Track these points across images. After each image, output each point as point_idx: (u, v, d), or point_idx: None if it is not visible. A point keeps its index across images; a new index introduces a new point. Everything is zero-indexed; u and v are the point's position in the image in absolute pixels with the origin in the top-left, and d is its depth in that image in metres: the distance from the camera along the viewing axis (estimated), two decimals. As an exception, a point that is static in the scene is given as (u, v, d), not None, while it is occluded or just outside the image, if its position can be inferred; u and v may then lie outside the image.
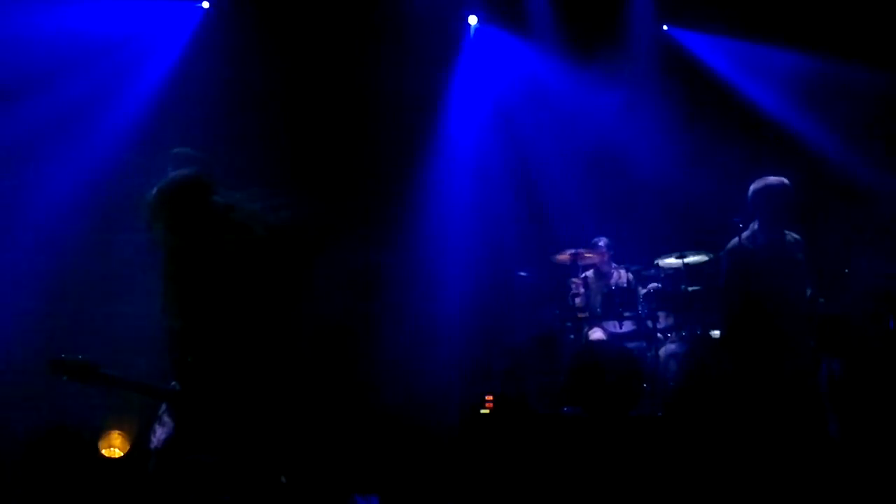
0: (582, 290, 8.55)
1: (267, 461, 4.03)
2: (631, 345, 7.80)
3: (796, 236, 6.48)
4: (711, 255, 7.87)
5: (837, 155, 8.62)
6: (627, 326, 8.14)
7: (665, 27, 9.39)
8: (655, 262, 8.29)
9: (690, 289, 7.91)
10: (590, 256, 8.51)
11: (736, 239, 6.39)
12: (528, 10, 9.24)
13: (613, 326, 8.19)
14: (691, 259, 8.05)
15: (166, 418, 4.09)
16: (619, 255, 8.72)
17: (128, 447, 5.99)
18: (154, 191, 4.06)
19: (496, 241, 9.15)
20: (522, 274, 8.71)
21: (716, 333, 7.62)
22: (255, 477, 3.93)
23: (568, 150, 9.16)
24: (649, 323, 8.02)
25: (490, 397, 7.73)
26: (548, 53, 9.29)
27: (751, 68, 9.01)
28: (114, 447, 5.87)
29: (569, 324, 8.28)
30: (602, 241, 8.63)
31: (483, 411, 7.63)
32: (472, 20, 9.37)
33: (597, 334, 8.21)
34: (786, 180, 6.29)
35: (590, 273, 8.65)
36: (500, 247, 9.14)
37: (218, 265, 4.10)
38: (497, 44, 9.44)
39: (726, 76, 9.20)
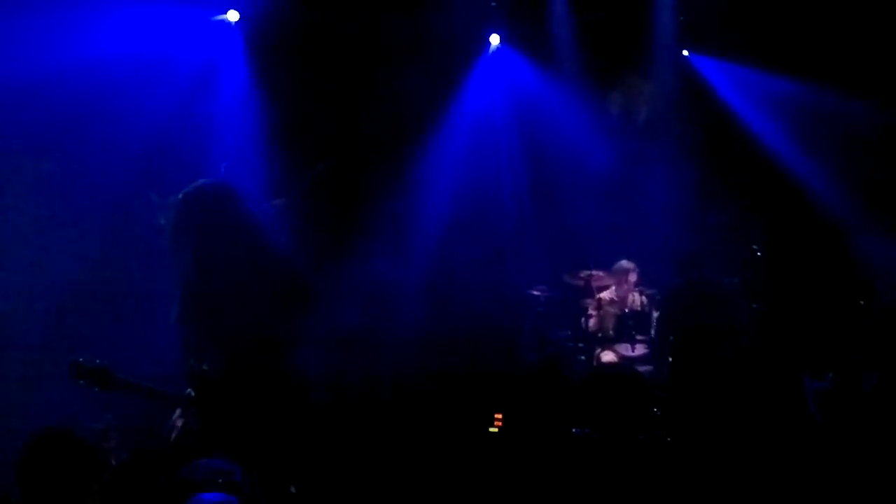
0: (596, 311, 8.52)
1: (278, 470, 4.04)
2: (642, 368, 7.77)
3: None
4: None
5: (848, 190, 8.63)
6: (640, 350, 8.13)
7: (685, 52, 9.39)
8: (669, 286, 8.29)
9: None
10: (603, 278, 8.50)
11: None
12: (550, 33, 9.25)
13: (625, 349, 8.18)
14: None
15: (179, 424, 4.12)
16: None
17: None
18: (179, 197, 4.10)
19: (511, 258, 9.13)
20: (536, 293, 8.70)
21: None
22: (265, 485, 3.94)
23: (585, 173, 9.15)
24: (662, 347, 8.00)
25: (499, 415, 7.72)
26: (567, 75, 9.30)
27: (767, 99, 9.00)
28: None
29: (581, 345, 8.27)
30: (634, 270, 8.46)
31: (492, 430, 7.64)
32: (494, 40, 9.37)
33: (608, 357, 8.19)
34: None
35: (605, 295, 8.61)
36: (514, 264, 9.11)
37: (235, 274, 4.12)
38: (518, 63, 9.45)
39: (744, 105, 9.19)
